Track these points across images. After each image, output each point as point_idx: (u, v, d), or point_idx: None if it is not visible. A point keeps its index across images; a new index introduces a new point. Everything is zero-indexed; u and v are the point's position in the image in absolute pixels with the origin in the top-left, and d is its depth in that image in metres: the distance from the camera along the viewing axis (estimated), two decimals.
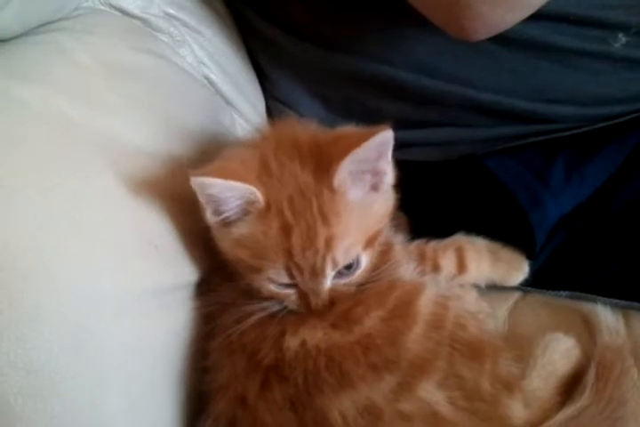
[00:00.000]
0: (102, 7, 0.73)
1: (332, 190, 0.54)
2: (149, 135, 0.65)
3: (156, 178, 0.61)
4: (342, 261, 0.56)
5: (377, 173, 0.57)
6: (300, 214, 0.54)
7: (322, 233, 0.54)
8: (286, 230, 0.53)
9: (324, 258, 0.54)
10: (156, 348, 0.58)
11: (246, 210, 0.55)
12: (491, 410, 0.54)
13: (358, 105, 0.85)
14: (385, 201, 0.60)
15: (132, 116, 0.65)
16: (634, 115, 0.78)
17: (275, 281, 0.56)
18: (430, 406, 0.53)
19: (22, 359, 0.45)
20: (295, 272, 0.55)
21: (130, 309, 0.54)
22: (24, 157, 0.52)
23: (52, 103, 0.57)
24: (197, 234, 0.63)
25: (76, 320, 0.49)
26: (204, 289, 0.64)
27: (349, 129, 0.60)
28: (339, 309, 0.58)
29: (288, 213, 0.54)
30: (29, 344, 0.46)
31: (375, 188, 0.57)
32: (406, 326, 0.57)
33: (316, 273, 0.55)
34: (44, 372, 0.46)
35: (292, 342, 0.55)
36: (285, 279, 0.56)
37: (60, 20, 0.68)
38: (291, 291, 0.57)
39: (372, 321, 0.57)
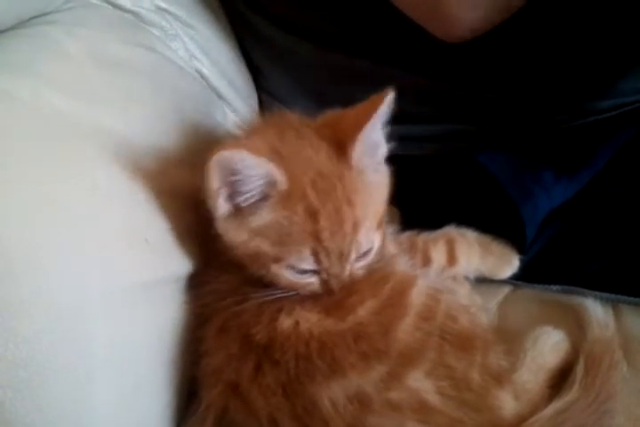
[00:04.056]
0: (93, 0, 0.73)
1: (351, 169, 0.54)
2: (140, 128, 0.64)
3: (147, 171, 0.61)
4: (364, 245, 0.56)
5: (376, 146, 0.56)
6: (325, 197, 0.53)
7: (349, 216, 0.53)
8: (313, 214, 0.52)
9: (350, 242, 0.54)
10: (147, 341, 0.58)
11: (266, 194, 0.53)
12: (480, 401, 0.54)
13: (352, 99, 0.84)
14: (385, 179, 0.59)
15: (122, 109, 0.64)
16: (625, 108, 0.78)
17: (297, 268, 0.55)
18: (419, 395, 0.53)
19: (12, 352, 0.45)
20: (322, 257, 0.54)
21: (119, 302, 0.54)
22: (13, 149, 0.52)
23: (42, 96, 0.57)
24: (190, 228, 0.63)
25: (64, 313, 0.49)
26: (197, 282, 0.63)
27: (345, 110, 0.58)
28: (334, 298, 0.57)
29: (312, 196, 0.53)
30: (19, 337, 0.46)
31: (379, 163, 0.58)
32: (397, 317, 0.57)
33: (343, 257, 0.55)
34: (32, 365, 0.46)
35: (285, 322, 0.55)
36: (310, 265, 0.55)
37: (51, 12, 0.68)
38: (312, 278, 0.56)
39: (364, 311, 0.57)
